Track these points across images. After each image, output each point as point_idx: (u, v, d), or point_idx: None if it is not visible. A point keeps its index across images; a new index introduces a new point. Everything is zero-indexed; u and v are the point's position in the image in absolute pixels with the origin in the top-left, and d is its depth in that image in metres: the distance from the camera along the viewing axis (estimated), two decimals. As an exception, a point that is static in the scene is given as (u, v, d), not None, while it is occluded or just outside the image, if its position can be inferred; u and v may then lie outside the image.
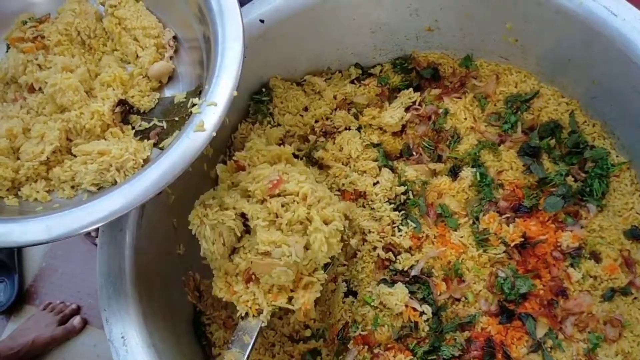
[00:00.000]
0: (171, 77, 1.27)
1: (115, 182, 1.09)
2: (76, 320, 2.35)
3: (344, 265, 1.49)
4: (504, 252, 1.37)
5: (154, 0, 1.30)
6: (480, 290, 1.36)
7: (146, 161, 1.14)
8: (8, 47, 1.25)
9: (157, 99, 1.24)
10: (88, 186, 1.10)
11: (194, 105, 1.08)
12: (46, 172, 1.14)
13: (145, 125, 1.21)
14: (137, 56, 1.25)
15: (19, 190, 1.13)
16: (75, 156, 1.14)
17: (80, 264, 2.48)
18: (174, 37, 1.28)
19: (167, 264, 1.38)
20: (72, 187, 1.13)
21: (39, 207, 1.10)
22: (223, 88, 1.07)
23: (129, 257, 1.22)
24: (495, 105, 1.53)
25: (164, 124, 1.20)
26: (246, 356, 1.14)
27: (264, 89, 1.54)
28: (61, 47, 1.23)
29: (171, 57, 1.26)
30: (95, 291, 1.22)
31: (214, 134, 1.04)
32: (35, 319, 2.34)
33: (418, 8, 1.46)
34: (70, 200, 1.10)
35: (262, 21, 1.40)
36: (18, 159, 1.14)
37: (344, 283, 1.45)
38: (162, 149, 1.16)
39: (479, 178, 1.44)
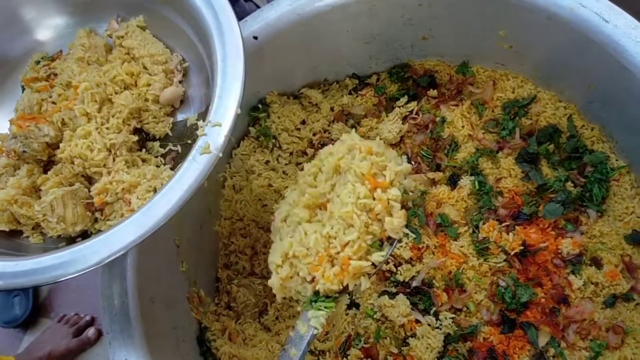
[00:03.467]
0: (183, 101, 1.28)
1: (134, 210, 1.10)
2: (91, 332, 2.38)
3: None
4: (505, 260, 1.38)
5: (159, 27, 1.31)
6: (482, 300, 1.36)
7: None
8: (23, 88, 1.28)
9: (171, 124, 1.25)
10: None
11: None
12: None
13: (161, 151, 1.22)
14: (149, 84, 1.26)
15: (43, 228, 1.14)
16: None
17: (93, 275, 2.46)
18: (182, 61, 1.28)
19: (170, 283, 1.40)
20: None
21: (63, 242, 1.12)
22: (226, 108, 1.07)
23: (131, 279, 1.23)
24: (492, 111, 1.53)
25: (179, 148, 1.21)
26: None
27: (260, 105, 1.55)
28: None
29: (180, 81, 1.27)
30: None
31: (220, 154, 1.05)
32: (51, 332, 2.37)
33: (411, 18, 1.46)
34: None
35: (255, 38, 1.40)
36: (39, 197, 1.16)
37: (347, 295, 1.45)
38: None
39: (477, 186, 1.44)
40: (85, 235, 1.13)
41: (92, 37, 1.28)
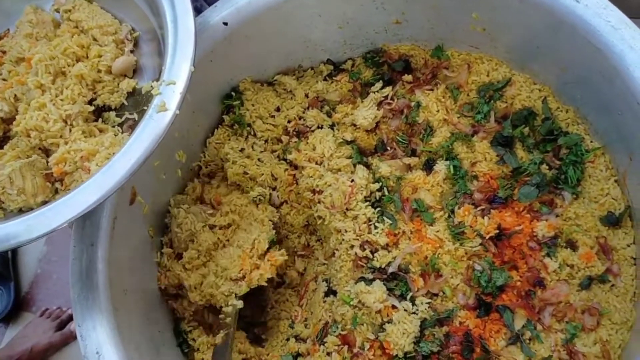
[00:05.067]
0: (136, 70, 1.28)
1: None
2: (73, 325, 2.36)
3: (324, 264, 1.50)
4: (480, 244, 1.37)
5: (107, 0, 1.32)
6: (458, 284, 1.35)
7: None
8: None
9: (126, 94, 1.25)
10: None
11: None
12: None
13: (118, 120, 1.23)
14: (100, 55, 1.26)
15: (3, 203, 1.14)
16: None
17: (75, 269, 2.49)
18: (132, 31, 1.29)
19: (144, 274, 1.38)
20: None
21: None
22: (180, 66, 1.09)
23: (102, 271, 1.21)
24: (468, 95, 1.51)
25: (135, 116, 1.21)
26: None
27: (234, 93, 1.53)
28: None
29: (132, 51, 1.28)
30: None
31: (178, 112, 1.05)
32: (33, 326, 2.36)
33: (384, 2, 1.44)
34: None
35: (225, 24, 1.38)
36: None
37: (324, 282, 1.45)
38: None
39: (452, 171, 1.43)
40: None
41: (39, 13, 1.28)
